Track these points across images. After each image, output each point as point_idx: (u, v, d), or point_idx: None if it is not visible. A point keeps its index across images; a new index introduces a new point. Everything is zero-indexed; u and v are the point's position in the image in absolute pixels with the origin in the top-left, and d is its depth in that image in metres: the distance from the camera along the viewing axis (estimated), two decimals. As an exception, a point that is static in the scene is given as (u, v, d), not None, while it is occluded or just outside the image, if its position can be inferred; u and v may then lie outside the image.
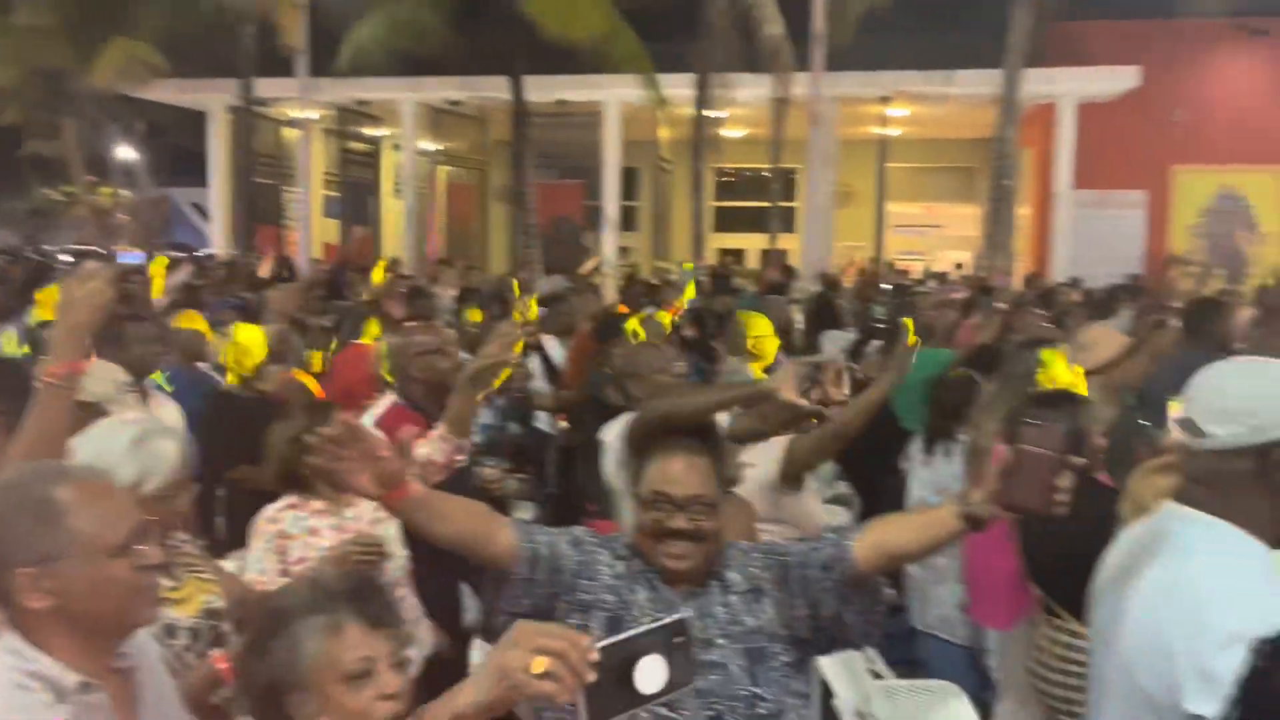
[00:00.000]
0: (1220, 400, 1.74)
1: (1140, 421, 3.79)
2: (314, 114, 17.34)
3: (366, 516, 3.01)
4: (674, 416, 2.28)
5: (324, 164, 18.82)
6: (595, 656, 1.28)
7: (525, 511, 6.13)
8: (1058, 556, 2.91)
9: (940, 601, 4.06)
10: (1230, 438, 1.71)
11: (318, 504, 3.01)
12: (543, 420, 6.07)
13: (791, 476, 3.59)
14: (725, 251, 21.36)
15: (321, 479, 2.67)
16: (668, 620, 1.37)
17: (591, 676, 1.28)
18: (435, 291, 8.45)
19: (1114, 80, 14.93)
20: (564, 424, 5.85)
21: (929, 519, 1.94)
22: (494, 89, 15.23)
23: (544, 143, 16.26)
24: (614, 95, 15.53)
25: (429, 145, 18.11)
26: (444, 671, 2.52)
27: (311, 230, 17.74)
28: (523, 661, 1.29)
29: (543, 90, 15.38)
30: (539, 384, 6.13)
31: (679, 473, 2.06)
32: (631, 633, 1.35)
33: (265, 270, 9.80)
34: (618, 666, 1.30)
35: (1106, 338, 4.47)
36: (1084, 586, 2.05)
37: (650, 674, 1.33)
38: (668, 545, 2.03)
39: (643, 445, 2.13)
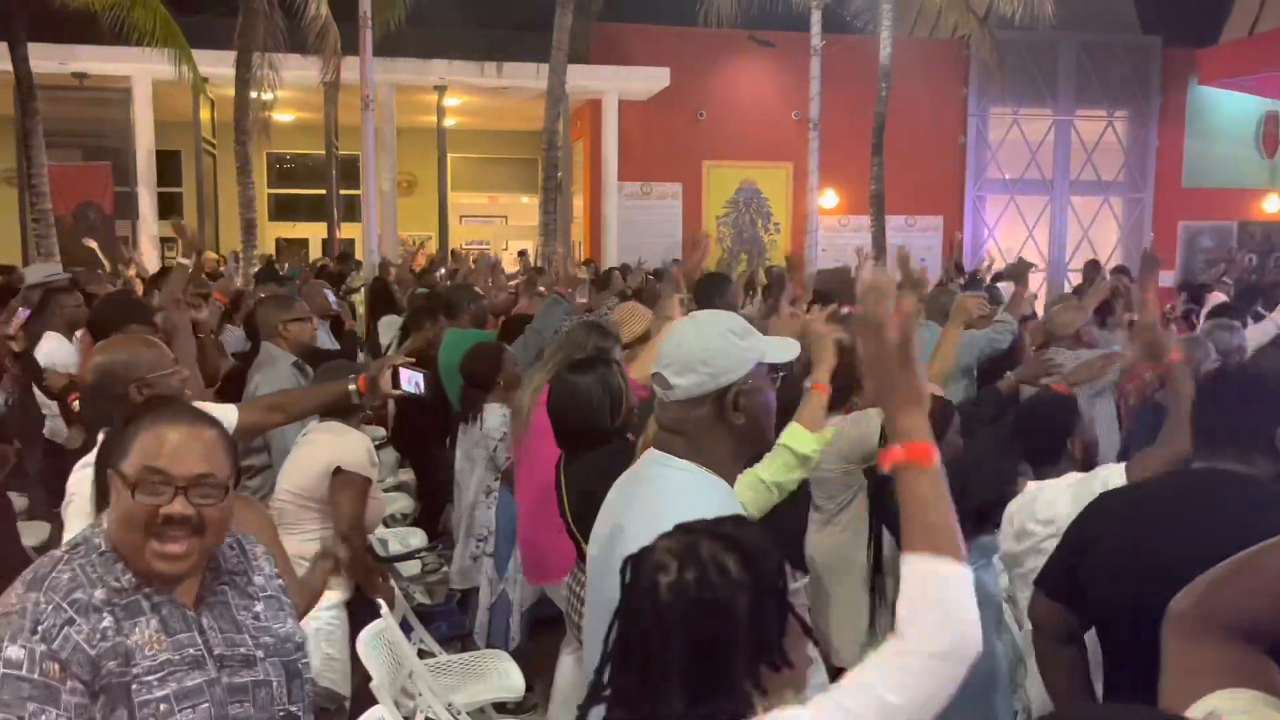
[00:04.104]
0: (681, 354, 1.89)
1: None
2: None
3: None
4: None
5: None
6: None
7: (37, 532, 5.43)
8: (590, 506, 3.10)
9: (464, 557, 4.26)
10: (692, 386, 1.88)
11: None
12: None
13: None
14: (287, 240, 20.46)
15: None
16: None
17: None
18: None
19: (649, 80, 16.24)
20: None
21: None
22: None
23: (60, 120, 14.35)
24: (143, 70, 14.05)
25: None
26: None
27: None
28: None
29: (55, 60, 13.57)
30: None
31: (179, 445, 1.67)
32: None
33: None
34: None
35: (636, 313, 4.85)
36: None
37: None
38: (161, 541, 1.65)
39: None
